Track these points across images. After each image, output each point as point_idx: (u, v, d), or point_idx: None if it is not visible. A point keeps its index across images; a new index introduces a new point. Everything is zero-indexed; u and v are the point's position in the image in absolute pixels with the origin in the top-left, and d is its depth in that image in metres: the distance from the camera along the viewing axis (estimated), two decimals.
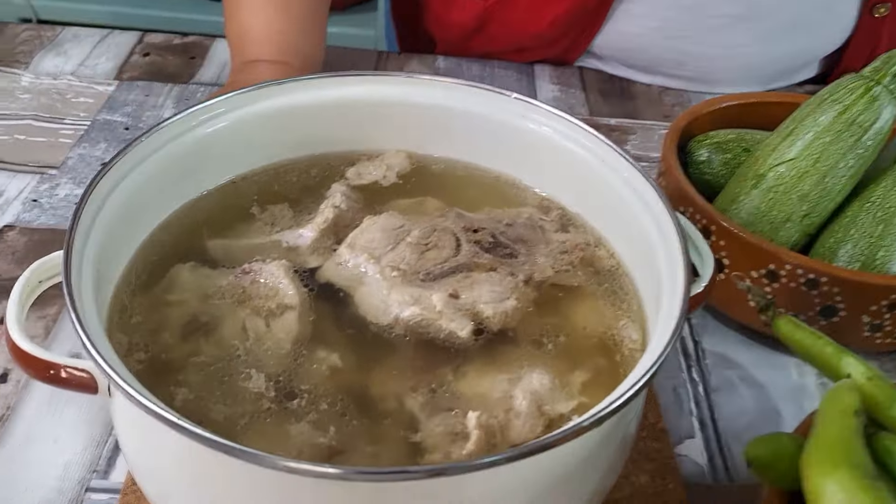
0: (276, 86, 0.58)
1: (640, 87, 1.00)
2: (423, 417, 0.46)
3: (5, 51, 0.95)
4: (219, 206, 0.58)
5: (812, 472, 0.37)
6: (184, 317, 0.50)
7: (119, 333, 0.48)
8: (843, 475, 0.35)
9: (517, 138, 0.60)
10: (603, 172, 0.56)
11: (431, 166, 0.63)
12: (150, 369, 0.47)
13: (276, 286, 0.52)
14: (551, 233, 0.58)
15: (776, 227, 0.65)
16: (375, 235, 0.56)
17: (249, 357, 0.48)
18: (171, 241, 0.55)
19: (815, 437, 0.38)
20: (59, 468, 0.54)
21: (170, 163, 0.54)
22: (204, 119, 0.55)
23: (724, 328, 0.68)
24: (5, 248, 0.70)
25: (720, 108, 0.76)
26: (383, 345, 0.50)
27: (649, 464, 0.56)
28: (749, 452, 0.42)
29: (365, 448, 0.44)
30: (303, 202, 0.59)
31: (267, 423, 0.45)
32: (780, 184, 0.64)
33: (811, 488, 0.36)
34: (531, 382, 0.47)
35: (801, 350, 0.48)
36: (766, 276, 0.62)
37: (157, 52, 0.98)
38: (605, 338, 0.51)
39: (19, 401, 0.58)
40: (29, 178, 0.77)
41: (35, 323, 0.63)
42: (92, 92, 0.89)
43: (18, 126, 0.84)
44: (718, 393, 0.63)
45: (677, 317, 0.43)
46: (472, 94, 0.60)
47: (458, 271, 0.54)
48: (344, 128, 0.62)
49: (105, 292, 0.49)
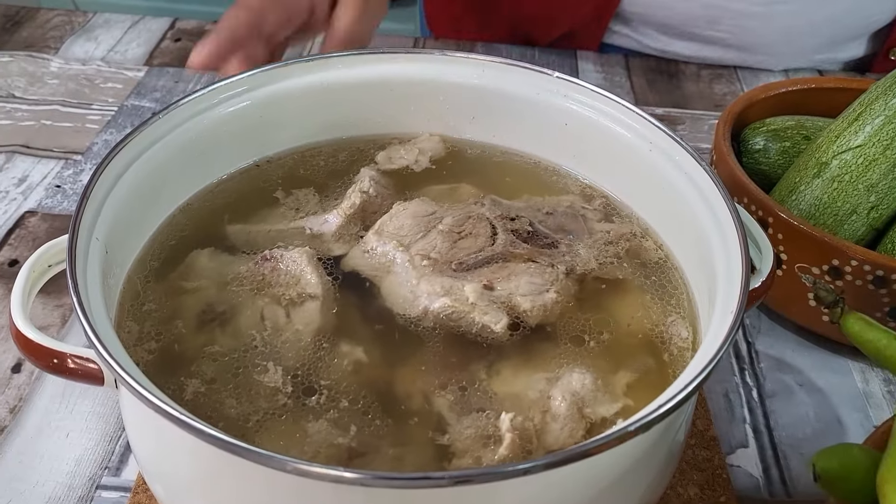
0: (304, 63, 0.55)
1: (688, 75, 0.95)
2: (453, 418, 0.42)
3: (36, 36, 0.93)
4: (241, 189, 0.55)
5: (891, 490, 0.32)
6: (199, 305, 0.47)
7: (130, 321, 0.45)
8: None
9: (558, 121, 0.56)
10: (652, 158, 0.52)
11: (467, 151, 0.59)
12: (160, 360, 0.44)
13: (297, 274, 0.48)
14: (594, 222, 0.54)
15: (840, 219, 0.60)
16: (405, 222, 0.52)
17: (267, 349, 0.45)
18: (190, 225, 0.52)
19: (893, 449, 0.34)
20: (71, 463, 0.52)
21: (188, 142, 0.51)
22: (225, 97, 0.52)
23: (779, 329, 0.63)
24: (26, 234, 0.68)
25: (777, 93, 0.71)
26: (411, 339, 0.46)
27: (699, 474, 0.51)
28: (818, 464, 0.37)
29: (388, 450, 0.41)
30: (329, 187, 0.56)
31: (283, 421, 0.41)
32: (845, 173, 0.59)
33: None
34: (571, 382, 0.43)
35: (873, 352, 0.43)
36: (829, 272, 0.57)
37: (188, 37, 0.96)
38: (652, 335, 0.47)
39: (32, 392, 0.56)
40: (53, 164, 0.75)
41: (52, 312, 0.61)
42: (121, 77, 0.87)
43: (45, 111, 0.82)
44: (774, 399, 0.58)
45: (734, 313, 0.39)
46: (511, 72, 0.56)
47: (493, 261, 0.50)
48: (374, 109, 0.58)
49: (117, 278, 0.46)
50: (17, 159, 0.75)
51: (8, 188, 0.72)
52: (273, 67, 0.54)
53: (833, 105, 0.68)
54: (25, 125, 0.80)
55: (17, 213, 0.70)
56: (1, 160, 0.75)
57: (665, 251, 0.52)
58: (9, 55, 0.90)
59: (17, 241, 0.67)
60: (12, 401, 0.55)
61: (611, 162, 0.55)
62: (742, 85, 0.94)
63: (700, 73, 0.95)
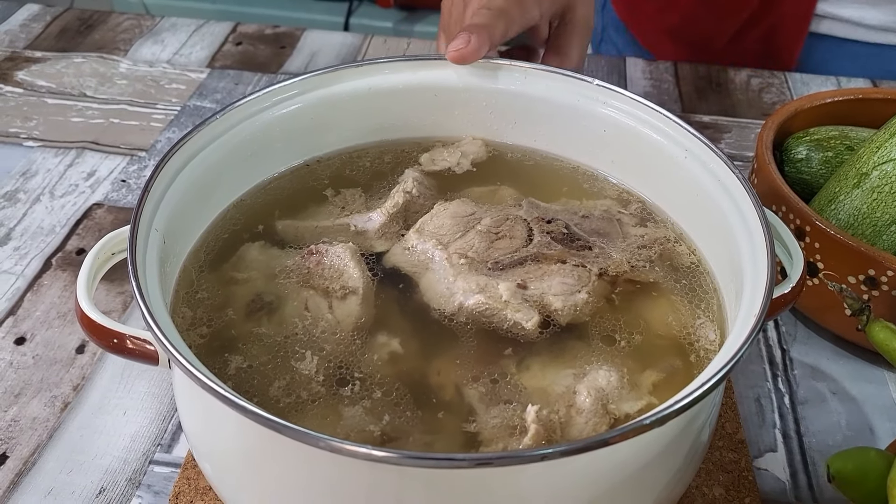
0: (353, 68, 0.58)
1: (737, 84, 0.95)
2: (482, 409, 0.45)
3: (107, 38, 0.98)
4: (291, 187, 0.58)
5: None
6: (249, 295, 0.50)
7: (184, 307, 0.49)
8: None
9: (598, 127, 0.57)
10: (687, 164, 0.53)
11: (507, 154, 0.61)
12: (210, 344, 0.47)
13: (340, 268, 0.51)
14: (629, 226, 0.56)
15: (879, 230, 0.60)
16: (445, 222, 0.54)
17: (309, 338, 0.47)
18: (243, 220, 0.55)
19: None
20: (127, 439, 0.55)
21: (243, 142, 0.54)
22: (278, 100, 0.55)
23: (816, 338, 0.64)
24: (93, 224, 0.72)
25: (823, 103, 0.71)
26: (446, 333, 0.48)
27: (725, 476, 0.52)
28: (832, 466, 0.38)
29: (419, 437, 0.43)
30: (375, 187, 0.58)
31: (315, 406, 0.44)
32: (885, 183, 0.59)
33: None
34: (597, 379, 0.45)
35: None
36: (865, 282, 0.57)
37: (249, 41, 1.00)
38: (680, 337, 0.48)
39: (94, 372, 0.59)
40: (119, 160, 0.80)
41: (114, 298, 0.65)
42: (185, 79, 0.92)
43: (114, 110, 0.86)
44: (806, 406, 0.58)
45: (757, 314, 0.40)
46: (553, 79, 0.58)
47: (528, 262, 0.52)
48: (419, 113, 0.61)
49: (173, 266, 0.50)
50: (86, 155, 0.80)
51: (77, 182, 0.77)
52: (324, 72, 0.57)
53: (880, 116, 0.68)
54: (95, 123, 0.84)
55: (85, 206, 0.74)
56: (72, 155, 0.80)
57: (697, 256, 0.53)
58: (81, 56, 0.95)
59: (85, 232, 0.71)
60: (76, 379, 0.59)
61: (647, 168, 0.56)
62: (792, 95, 0.94)
63: (750, 81, 0.96)
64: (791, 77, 0.96)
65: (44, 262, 0.68)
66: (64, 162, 0.79)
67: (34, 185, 0.76)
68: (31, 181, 0.77)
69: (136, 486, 0.52)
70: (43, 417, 0.56)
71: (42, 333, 0.62)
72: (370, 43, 1.01)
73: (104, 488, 0.52)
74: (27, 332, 0.62)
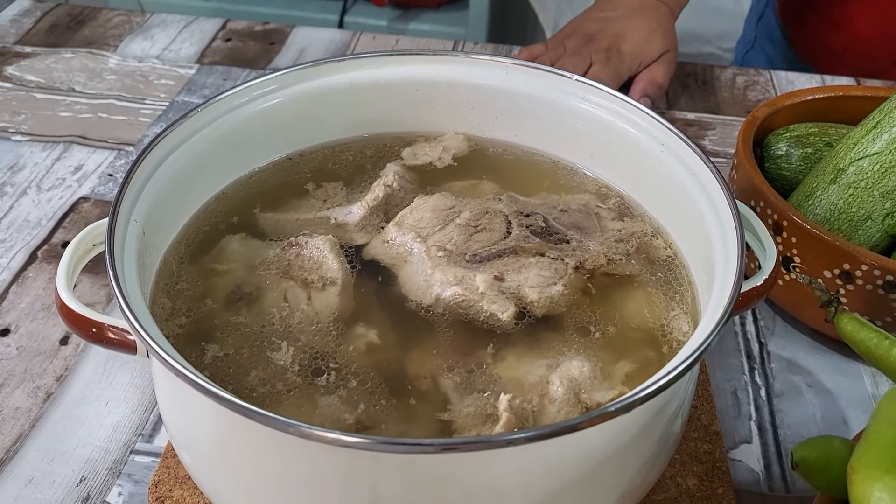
0: (335, 63, 0.58)
1: (723, 82, 0.95)
2: (456, 398, 0.45)
3: (97, 34, 0.99)
4: (273, 180, 0.58)
5: (859, 477, 0.34)
6: (228, 285, 0.51)
7: (164, 298, 0.49)
8: (892, 480, 0.32)
9: (577, 122, 0.58)
10: (664, 158, 0.54)
11: (489, 149, 0.62)
12: (189, 334, 0.47)
13: (319, 260, 0.52)
14: (608, 220, 0.56)
15: (855, 225, 0.60)
16: (425, 215, 0.55)
17: (286, 329, 0.48)
18: (224, 212, 0.56)
19: (865, 439, 0.35)
20: (108, 429, 0.56)
21: (225, 135, 0.55)
22: (259, 94, 0.56)
23: (793, 332, 0.64)
24: (79, 218, 0.73)
25: (803, 101, 0.72)
26: (423, 324, 0.49)
27: (699, 466, 0.53)
28: (797, 453, 0.39)
29: (394, 426, 0.44)
30: (356, 181, 0.59)
31: (291, 396, 0.44)
32: (861, 179, 0.60)
33: (857, 493, 0.33)
34: (570, 369, 0.46)
35: (864, 350, 0.45)
36: (840, 276, 0.58)
37: (238, 37, 1.00)
38: (654, 328, 0.49)
39: (77, 363, 0.60)
40: (107, 154, 0.80)
41: (98, 290, 0.65)
42: (173, 74, 0.92)
43: (102, 105, 0.87)
44: (782, 398, 0.59)
45: (725, 304, 0.41)
46: (533, 75, 0.59)
47: (506, 254, 0.52)
48: (401, 108, 0.61)
49: (153, 258, 0.50)
50: (73, 149, 0.81)
51: (64, 175, 0.77)
52: (305, 66, 0.57)
53: (859, 114, 0.68)
54: (83, 117, 0.85)
55: (71, 199, 0.75)
56: (59, 150, 0.80)
57: (673, 250, 0.54)
58: (71, 52, 0.95)
59: (71, 225, 0.72)
60: (59, 370, 0.59)
61: (625, 162, 0.57)
62: (777, 93, 0.94)
63: (735, 79, 0.96)
64: (776, 75, 0.97)
65: (29, 255, 0.69)
66: (51, 156, 0.79)
67: (21, 178, 0.77)
68: (19, 175, 0.77)
69: (117, 475, 0.53)
70: (25, 408, 0.57)
71: (26, 325, 0.62)
72: (359, 40, 1.01)
73: (84, 477, 0.53)
74: (11, 324, 0.62)
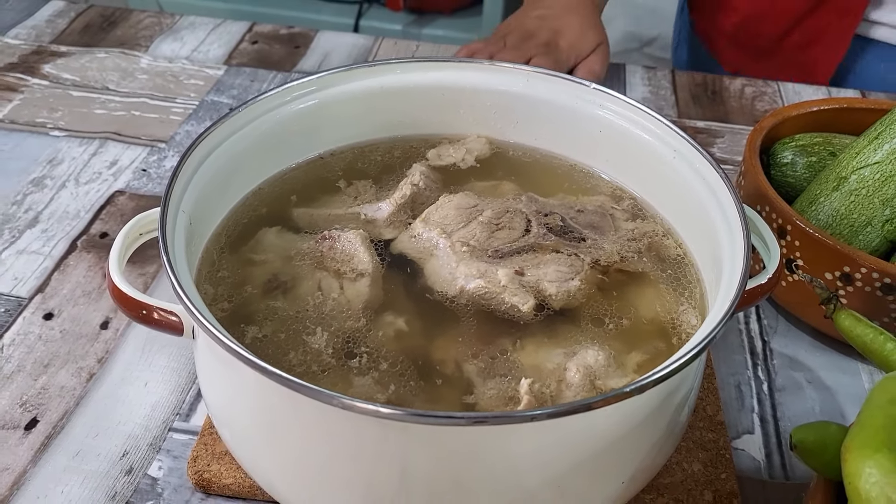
0: (366, 68, 0.62)
1: (732, 92, 0.99)
2: (480, 382, 0.48)
3: (129, 35, 1.03)
4: (306, 178, 0.62)
5: (851, 455, 0.37)
6: (266, 274, 0.54)
7: (206, 285, 0.53)
8: (882, 458, 0.35)
9: (594, 128, 0.61)
10: (675, 164, 0.57)
11: (509, 152, 0.65)
12: (230, 317, 0.51)
13: (351, 253, 0.55)
14: (622, 221, 0.60)
15: (856, 230, 0.64)
16: (449, 212, 0.58)
17: (319, 315, 0.51)
18: (261, 207, 0.59)
19: (858, 422, 0.39)
20: (147, 408, 0.59)
21: (262, 134, 0.58)
22: (296, 96, 0.59)
23: (795, 331, 0.68)
24: (115, 210, 0.76)
25: (809, 112, 0.75)
26: (448, 314, 0.52)
27: (704, 453, 0.56)
28: (795, 435, 0.42)
29: (422, 406, 0.47)
30: (384, 180, 0.62)
31: (330, 375, 0.48)
32: (862, 187, 0.63)
33: (849, 470, 0.36)
34: (586, 357, 0.49)
35: (861, 346, 0.48)
36: (841, 278, 0.61)
37: (264, 40, 1.04)
38: (664, 322, 0.52)
39: (117, 346, 0.63)
40: (140, 150, 0.84)
41: (136, 279, 0.69)
42: (202, 75, 0.96)
43: (135, 103, 0.90)
44: (783, 393, 0.62)
45: (731, 299, 0.44)
46: (553, 82, 0.62)
47: (525, 251, 0.56)
48: (428, 112, 0.65)
49: (196, 247, 0.54)
50: (109, 145, 0.84)
51: (101, 170, 0.81)
52: (339, 71, 0.61)
53: (862, 125, 0.72)
54: (117, 115, 0.89)
55: (108, 192, 0.78)
56: (95, 145, 0.84)
57: (683, 249, 0.57)
58: (104, 52, 0.99)
59: (108, 217, 0.76)
60: (100, 353, 0.63)
61: (639, 166, 0.60)
62: (784, 103, 0.98)
63: (744, 90, 1.00)
64: (783, 87, 1.00)
65: (69, 244, 0.72)
66: (88, 151, 0.83)
67: (60, 172, 0.80)
68: (58, 168, 0.81)
69: (157, 450, 0.56)
70: (70, 386, 0.60)
71: (69, 310, 0.66)
72: (381, 45, 1.05)
73: (127, 452, 0.56)
74: (55, 309, 0.66)
